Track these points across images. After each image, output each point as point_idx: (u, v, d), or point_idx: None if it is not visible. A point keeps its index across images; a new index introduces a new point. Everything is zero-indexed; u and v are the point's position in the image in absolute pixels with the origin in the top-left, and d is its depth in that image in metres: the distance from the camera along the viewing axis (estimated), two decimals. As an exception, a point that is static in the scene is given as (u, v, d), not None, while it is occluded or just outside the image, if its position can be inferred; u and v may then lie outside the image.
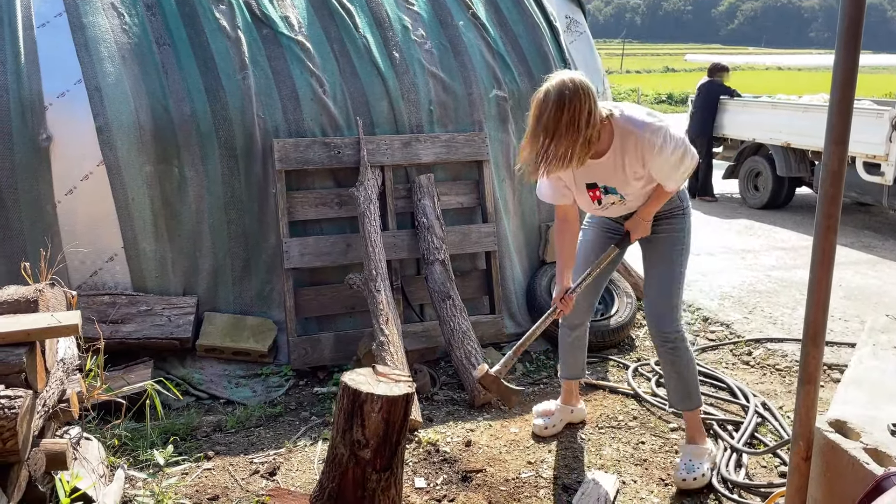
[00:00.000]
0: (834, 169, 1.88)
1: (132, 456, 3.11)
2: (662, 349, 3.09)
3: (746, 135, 8.90)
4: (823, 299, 2.00)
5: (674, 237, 3.04)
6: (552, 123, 2.53)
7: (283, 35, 4.24)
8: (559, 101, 2.52)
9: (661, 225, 3.05)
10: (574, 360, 3.43)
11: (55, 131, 3.73)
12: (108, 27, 3.96)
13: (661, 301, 3.04)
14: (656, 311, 3.06)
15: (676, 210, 3.04)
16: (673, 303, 3.03)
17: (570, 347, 3.41)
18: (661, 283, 3.04)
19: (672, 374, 3.12)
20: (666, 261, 3.04)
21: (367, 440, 2.51)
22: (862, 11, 1.80)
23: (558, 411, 3.47)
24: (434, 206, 4.19)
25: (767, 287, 5.71)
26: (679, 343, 3.05)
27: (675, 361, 3.07)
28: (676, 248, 3.04)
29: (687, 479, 2.97)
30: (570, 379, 3.46)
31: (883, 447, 2.03)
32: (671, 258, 3.03)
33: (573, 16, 5.03)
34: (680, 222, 3.04)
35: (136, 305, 3.88)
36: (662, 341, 3.07)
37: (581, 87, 2.54)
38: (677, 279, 3.04)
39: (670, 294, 3.03)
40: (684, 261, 3.06)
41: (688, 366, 3.08)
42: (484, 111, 4.49)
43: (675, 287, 3.03)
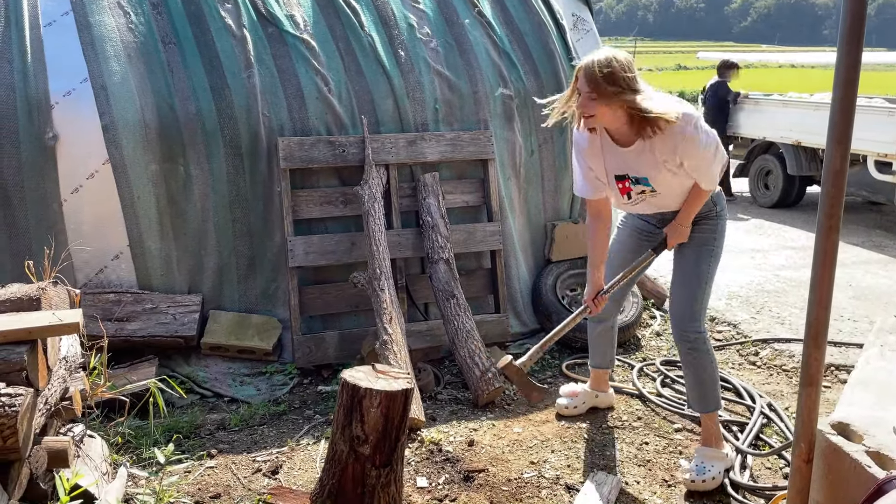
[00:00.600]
0: (836, 168, 1.86)
1: (135, 454, 3.12)
2: (682, 348, 3.11)
3: (757, 133, 8.84)
4: (825, 299, 1.98)
5: (705, 238, 3.06)
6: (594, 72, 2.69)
7: (288, 33, 4.24)
8: (605, 57, 2.71)
9: (694, 227, 3.06)
10: (601, 350, 3.54)
11: (61, 130, 3.75)
12: (114, 26, 3.97)
13: (685, 301, 3.05)
14: (679, 311, 3.07)
15: (711, 213, 3.06)
16: (696, 304, 3.04)
17: (597, 339, 3.52)
18: (687, 284, 3.06)
19: (690, 374, 3.13)
20: (694, 262, 3.06)
21: (367, 436, 2.51)
22: (864, 9, 1.78)
23: (583, 394, 3.60)
24: (439, 205, 4.18)
25: (776, 287, 5.67)
26: (699, 345, 3.05)
27: (693, 363, 3.08)
28: (706, 249, 3.05)
29: (696, 480, 2.95)
30: (596, 368, 3.59)
31: (886, 450, 2.00)
32: (699, 260, 3.05)
33: (580, 13, 5.00)
34: (713, 224, 3.06)
35: (141, 303, 3.89)
36: (683, 341, 3.08)
37: (627, 59, 2.75)
38: (704, 281, 3.04)
39: (694, 296, 3.04)
40: (713, 263, 3.07)
41: (706, 368, 3.07)
42: (489, 110, 4.48)
43: (701, 289, 3.04)
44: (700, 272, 3.04)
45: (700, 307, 3.05)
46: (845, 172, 1.88)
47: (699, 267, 3.04)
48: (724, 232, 3.10)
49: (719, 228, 3.07)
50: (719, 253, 3.09)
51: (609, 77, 2.68)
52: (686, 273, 3.07)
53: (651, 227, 3.20)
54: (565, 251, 4.68)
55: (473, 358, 3.72)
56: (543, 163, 4.66)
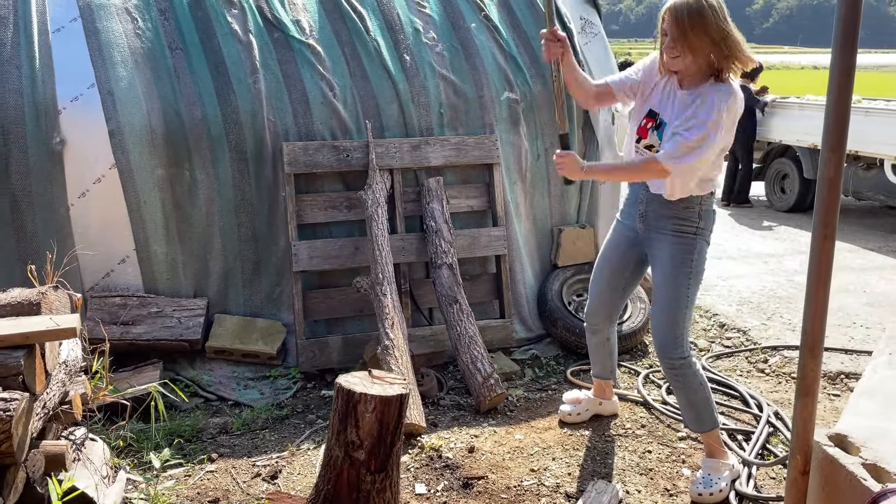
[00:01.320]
0: (830, 176, 1.83)
1: (136, 457, 3.14)
2: (669, 376, 3.05)
3: (773, 136, 8.74)
4: (821, 309, 1.95)
5: (683, 258, 2.90)
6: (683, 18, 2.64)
7: (294, 39, 4.26)
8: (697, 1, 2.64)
9: (669, 238, 2.92)
10: (599, 360, 3.49)
11: (68, 135, 3.79)
12: (121, 32, 4.00)
13: (665, 327, 2.96)
14: (660, 338, 2.98)
15: (689, 226, 2.89)
16: (677, 329, 2.94)
17: (594, 350, 3.48)
18: (665, 310, 2.95)
19: (682, 398, 3.08)
20: (670, 284, 2.92)
21: (362, 441, 2.50)
22: (858, 15, 1.74)
23: (587, 401, 3.57)
24: (443, 210, 4.17)
25: (788, 292, 5.59)
26: (685, 370, 2.97)
27: (682, 387, 3.02)
28: (684, 271, 2.90)
29: (703, 493, 2.91)
30: (597, 378, 3.55)
31: (882, 462, 1.97)
32: (676, 280, 2.91)
33: (588, 17, 4.97)
34: (691, 243, 2.90)
35: (146, 307, 3.92)
36: (669, 368, 3.01)
37: (719, 2, 2.67)
38: (683, 305, 2.92)
39: (675, 321, 2.93)
40: (693, 285, 2.92)
41: (697, 391, 3.00)
42: (495, 114, 4.46)
43: (681, 314, 2.92)
44: (679, 296, 2.91)
45: (681, 331, 2.94)
46: (840, 180, 1.85)
47: (678, 290, 2.91)
48: (703, 253, 2.93)
49: (697, 248, 2.90)
50: (700, 273, 2.95)
51: (698, 25, 2.63)
52: (665, 297, 2.95)
53: (634, 234, 3.10)
54: (572, 256, 4.65)
55: (476, 364, 3.71)
56: (550, 167, 4.63)
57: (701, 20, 2.62)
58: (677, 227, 2.91)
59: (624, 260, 3.19)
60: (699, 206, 2.89)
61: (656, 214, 2.96)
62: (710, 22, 2.62)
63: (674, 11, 2.67)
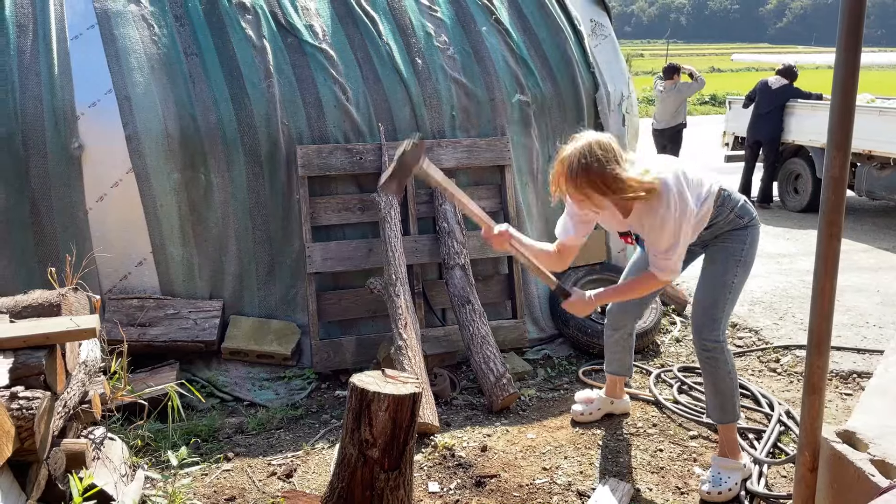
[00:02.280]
0: (836, 175, 1.85)
1: (154, 456, 3.20)
2: (701, 357, 3.08)
3: (786, 137, 8.70)
4: (828, 308, 1.97)
5: (735, 247, 2.98)
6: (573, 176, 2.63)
7: (307, 43, 4.31)
8: (580, 155, 2.62)
9: (723, 238, 3.00)
10: (616, 357, 3.53)
11: (87, 140, 3.86)
12: (138, 38, 4.07)
13: (706, 309, 3.01)
14: (699, 318, 3.04)
15: (738, 225, 2.97)
16: (717, 312, 2.99)
17: (613, 346, 3.52)
18: (710, 291, 3.01)
19: (709, 384, 3.10)
20: (721, 271, 2.99)
21: (375, 439, 2.54)
22: (862, 16, 1.77)
23: (598, 400, 3.61)
24: (455, 211, 4.21)
25: (801, 292, 5.58)
26: (717, 354, 3.01)
27: (712, 372, 3.05)
28: (733, 259, 2.97)
29: (711, 492, 2.93)
30: (612, 374, 3.59)
31: (891, 458, 1.98)
32: (727, 268, 2.97)
33: (598, 19, 4.99)
34: (742, 235, 2.97)
35: (163, 309, 3.98)
36: (701, 349, 3.05)
37: (604, 149, 2.62)
38: (727, 291, 2.98)
39: (716, 303, 2.99)
40: (741, 273, 2.98)
41: (725, 378, 3.04)
42: (507, 116, 4.50)
43: (723, 298, 2.98)
44: (726, 281, 2.97)
45: (720, 315, 2.99)
46: (846, 179, 1.87)
47: (725, 276, 2.97)
48: (755, 241, 3.00)
49: (750, 238, 2.98)
50: (750, 262, 3.00)
51: (586, 180, 2.62)
52: (711, 280, 3.01)
53: None
54: (583, 256, 4.67)
55: (488, 364, 3.74)
56: (561, 168, 4.66)
57: (586, 173, 2.61)
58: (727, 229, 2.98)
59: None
60: (728, 210, 2.93)
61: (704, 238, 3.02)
62: (594, 172, 2.61)
63: (566, 168, 2.66)
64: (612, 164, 2.62)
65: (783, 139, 8.72)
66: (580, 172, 2.61)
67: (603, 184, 2.61)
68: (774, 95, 8.63)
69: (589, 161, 2.60)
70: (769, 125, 8.64)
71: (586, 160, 2.60)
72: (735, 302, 3.05)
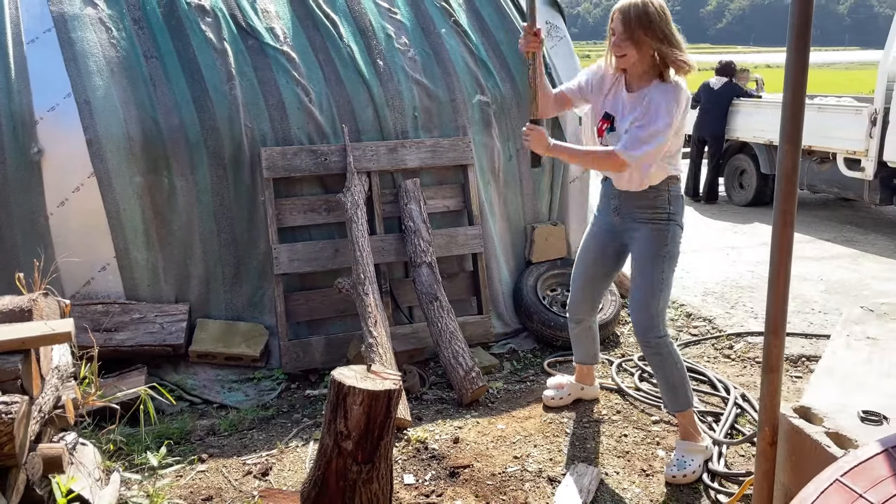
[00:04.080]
0: (787, 168, 1.98)
1: (127, 460, 3.19)
2: (647, 354, 3.21)
3: (731, 134, 9.02)
4: (783, 292, 2.10)
5: (658, 243, 3.08)
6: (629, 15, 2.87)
7: (268, 46, 4.33)
8: (642, 2, 2.87)
9: (645, 226, 3.09)
10: (582, 347, 3.67)
11: (46, 145, 3.81)
12: (96, 41, 4.04)
13: (642, 309, 3.12)
14: (638, 319, 3.15)
15: (661, 213, 3.07)
16: (653, 311, 3.10)
17: (577, 337, 3.65)
18: (642, 291, 3.12)
19: (660, 377, 3.23)
20: (648, 268, 3.10)
21: (350, 432, 2.60)
22: (810, 14, 1.90)
23: (569, 386, 3.76)
24: (420, 210, 4.28)
25: (750, 282, 5.82)
26: (662, 349, 3.13)
27: (660, 366, 3.18)
28: (660, 254, 3.07)
29: (677, 475, 3.06)
30: (580, 363, 3.73)
31: (844, 431, 2.12)
32: (653, 265, 3.08)
33: (553, 21, 5.12)
34: (665, 228, 3.07)
35: (128, 313, 3.96)
36: (645, 347, 3.18)
37: (661, 6, 2.90)
38: (658, 287, 3.08)
39: (651, 302, 3.09)
40: (667, 268, 3.09)
41: (673, 369, 3.16)
42: (468, 116, 4.59)
43: (657, 295, 3.09)
44: (654, 278, 3.08)
45: (658, 311, 3.11)
46: (797, 171, 2.00)
47: (654, 273, 3.08)
48: (677, 237, 3.11)
49: (671, 233, 3.08)
50: (675, 256, 3.12)
51: (644, 21, 2.84)
52: (642, 282, 3.12)
53: (611, 226, 3.26)
54: (545, 252, 4.80)
55: (457, 358, 3.82)
56: (521, 167, 4.78)
57: (647, 20, 2.85)
58: (650, 215, 3.09)
59: (604, 251, 3.35)
60: (667, 192, 3.07)
61: (629, 206, 3.14)
62: (655, 22, 2.86)
63: (622, 10, 2.91)
64: (669, 20, 2.90)
65: (728, 136, 9.04)
66: (647, 17, 2.85)
67: (663, 34, 2.86)
68: (716, 95, 8.99)
69: (658, 11, 2.87)
70: (712, 123, 9.01)
71: (656, 11, 2.86)
72: (668, 296, 3.16)
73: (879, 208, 8.19)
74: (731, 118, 8.97)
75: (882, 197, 7.27)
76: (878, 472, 1.35)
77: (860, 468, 1.36)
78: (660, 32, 2.86)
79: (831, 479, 1.37)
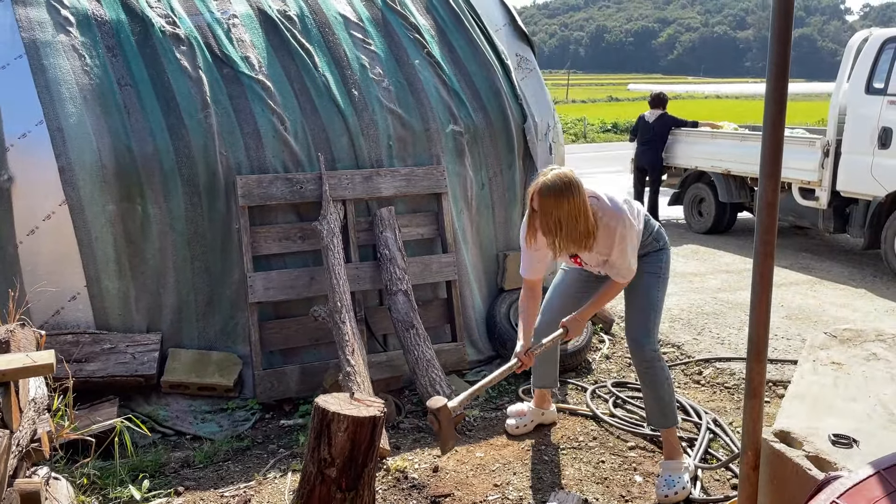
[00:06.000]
0: (768, 200, 2.07)
1: (102, 494, 3.12)
2: (640, 369, 3.35)
3: (689, 163, 9.27)
4: (764, 319, 2.18)
5: (652, 272, 3.31)
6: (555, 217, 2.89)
7: (243, 74, 4.34)
8: (555, 183, 2.88)
9: (642, 260, 3.27)
10: (543, 371, 3.72)
11: (17, 172, 3.75)
12: (69, 68, 4.00)
13: (640, 324, 3.30)
14: (634, 333, 3.32)
15: (653, 249, 3.32)
16: (648, 327, 3.30)
17: (539, 362, 3.62)
18: (640, 309, 3.31)
19: (649, 392, 3.35)
20: (645, 290, 3.30)
21: (334, 459, 2.61)
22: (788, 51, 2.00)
23: (530, 413, 3.80)
24: (395, 238, 4.31)
25: (714, 309, 5.97)
26: (656, 363, 3.30)
27: (651, 381, 3.31)
28: (654, 279, 3.31)
29: (669, 494, 3.13)
30: (540, 388, 3.78)
31: (823, 454, 2.20)
32: (649, 287, 3.30)
33: (523, 53, 5.25)
34: (658, 257, 3.33)
35: (99, 344, 3.88)
36: (640, 361, 3.32)
37: (573, 182, 2.89)
38: (654, 306, 3.31)
39: (647, 319, 3.30)
40: (662, 289, 3.34)
41: (664, 385, 3.31)
42: (441, 145, 4.65)
43: (652, 313, 3.31)
44: (651, 298, 3.31)
45: (653, 327, 3.31)
46: (777, 203, 2.09)
47: (650, 294, 3.30)
48: (669, 261, 3.38)
49: (664, 259, 3.35)
50: (667, 279, 3.37)
51: (559, 204, 2.87)
52: (639, 300, 3.33)
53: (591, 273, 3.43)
54: (517, 280, 4.82)
55: (434, 386, 3.83)
56: (494, 195, 4.85)
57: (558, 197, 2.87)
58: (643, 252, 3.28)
59: (581, 278, 3.48)
60: (648, 234, 3.29)
61: None
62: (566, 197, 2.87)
63: (538, 192, 2.92)
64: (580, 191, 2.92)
65: (686, 165, 9.33)
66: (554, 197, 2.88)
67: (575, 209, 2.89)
68: (653, 126, 9.33)
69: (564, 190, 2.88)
70: (650, 154, 9.37)
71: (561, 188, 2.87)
72: (661, 316, 3.39)
73: (833, 236, 8.47)
74: (688, 148, 9.24)
75: (836, 225, 7.54)
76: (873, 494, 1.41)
77: (855, 490, 1.43)
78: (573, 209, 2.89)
79: (828, 500, 1.43)
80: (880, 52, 7.01)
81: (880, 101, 6.89)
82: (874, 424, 2.42)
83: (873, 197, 6.98)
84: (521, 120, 4.91)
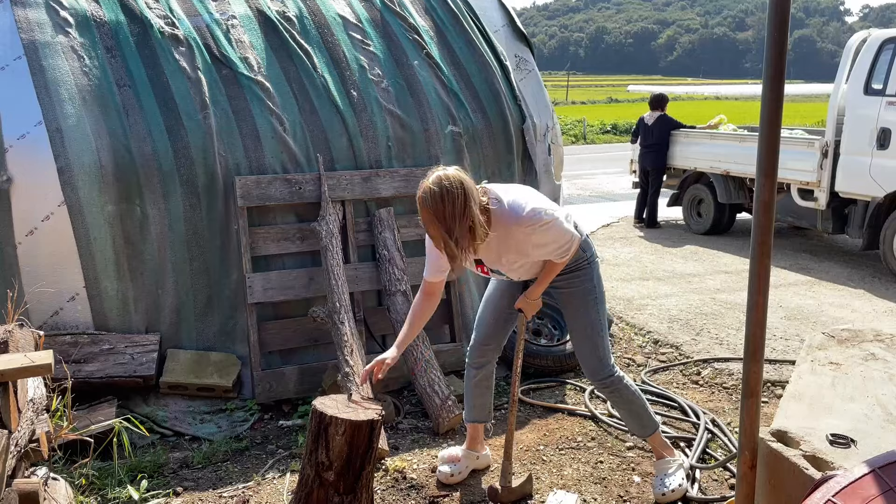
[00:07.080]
0: (765, 200, 2.07)
1: (100, 495, 3.12)
2: (605, 394, 3.29)
3: (688, 164, 9.29)
4: (761, 319, 2.18)
5: (584, 289, 3.09)
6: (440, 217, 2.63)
7: (242, 75, 4.35)
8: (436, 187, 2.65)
9: (569, 279, 3.07)
10: (480, 402, 3.36)
11: (16, 173, 3.76)
12: (67, 69, 4.01)
13: (588, 356, 3.15)
14: (588, 364, 3.17)
15: (582, 262, 3.07)
16: (600, 353, 3.12)
17: (476, 388, 3.34)
18: (584, 340, 3.13)
19: (622, 411, 3.32)
20: (582, 315, 3.10)
21: (331, 462, 2.60)
22: (785, 51, 2.01)
23: (464, 458, 3.37)
24: (395, 239, 4.31)
25: (713, 309, 5.97)
26: (617, 384, 3.17)
27: (619, 400, 3.25)
28: (590, 299, 3.09)
29: (666, 492, 3.12)
30: (475, 423, 3.38)
31: (821, 454, 2.20)
32: (586, 310, 3.09)
33: (522, 55, 5.25)
34: (587, 273, 3.09)
35: (98, 344, 3.88)
36: (601, 388, 3.23)
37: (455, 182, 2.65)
38: (597, 328, 3.10)
39: (595, 347, 3.11)
40: (601, 308, 3.12)
41: (632, 399, 3.22)
42: (440, 146, 4.66)
43: (597, 337, 3.10)
44: (591, 321, 3.09)
45: (604, 352, 3.13)
46: (774, 203, 2.09)
47: (588, 317, 3.09)
48: (599, 276, 3.13)
49: (594, 274, 3.10)
50: (602, 295, 3.14)
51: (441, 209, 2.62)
52: (580, 329, 3.12)
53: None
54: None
55: (433, 387, 3.84)
56: (492, 196, 4.85)
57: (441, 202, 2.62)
58: (571, 266, 3.04)
59: (510, 289, 3.22)
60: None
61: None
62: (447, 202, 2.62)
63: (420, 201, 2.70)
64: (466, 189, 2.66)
65: (679, 165, 9.37)
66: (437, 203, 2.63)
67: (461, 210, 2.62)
68: (652, 129, 9.37)
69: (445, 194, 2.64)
70: (652, 156, 9.43)
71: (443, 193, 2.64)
72: (607, 333, 3.18)
73: (832, 237, 8.48)
74: (687, 149, 9.25)
75: (834, 226, 7.55)
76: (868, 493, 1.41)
77: (850, 489, 1.43)
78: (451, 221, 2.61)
79: (823, 499, 1.44)
80: (879, 53, 7.03)
81: (879, 101, 6.90)
82: (872, 424, 2.42)
83: (872, 197, 6.99)
84: (520, 121, 4.92)
